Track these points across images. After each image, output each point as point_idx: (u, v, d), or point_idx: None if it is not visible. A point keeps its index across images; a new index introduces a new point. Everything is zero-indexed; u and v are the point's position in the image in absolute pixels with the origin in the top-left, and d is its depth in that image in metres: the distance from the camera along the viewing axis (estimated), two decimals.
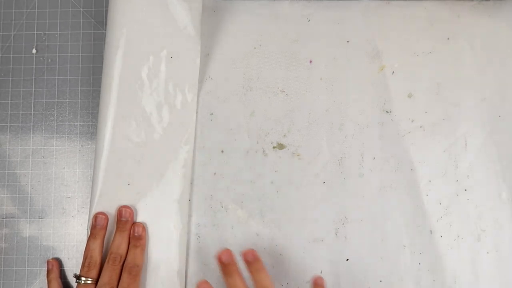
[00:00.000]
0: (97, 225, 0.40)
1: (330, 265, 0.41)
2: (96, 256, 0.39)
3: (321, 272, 0.41)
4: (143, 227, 0.40)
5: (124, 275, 0.38)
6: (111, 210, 0.40)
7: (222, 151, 0.42)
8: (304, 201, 0.42)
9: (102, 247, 0.40)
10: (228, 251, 0.37)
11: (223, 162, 0.42)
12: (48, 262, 0.41)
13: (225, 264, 0.37)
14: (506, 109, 0.43)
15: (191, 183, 0.42)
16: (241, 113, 0.43)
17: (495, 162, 0.42)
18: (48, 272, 0.41)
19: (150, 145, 0.40)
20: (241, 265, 0.37)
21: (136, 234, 0.40)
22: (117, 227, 0.40)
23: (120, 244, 0.39)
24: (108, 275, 0.38)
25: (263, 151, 0.42)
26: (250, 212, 0.42)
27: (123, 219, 0.40)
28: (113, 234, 0.40)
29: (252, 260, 0.37)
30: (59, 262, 0.42)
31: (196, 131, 0.42)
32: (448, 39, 0.43)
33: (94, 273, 0.38)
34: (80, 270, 0.39)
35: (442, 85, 0.43)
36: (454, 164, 0.42)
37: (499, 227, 0.41)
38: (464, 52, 0.43)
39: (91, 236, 0.39)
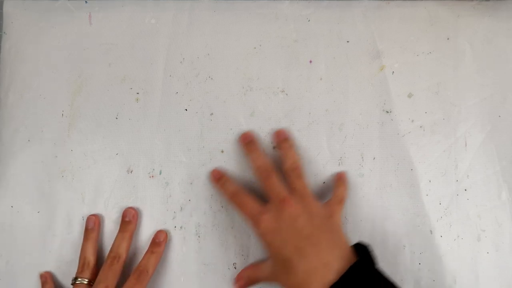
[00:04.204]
0: (88, 227, 0.41)
1: None
2: (90, 257, 0.39)
3: None
4: (166, 235, 0.41)
5: (132, 277, 0.38)
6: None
7: (222, 151, 0.42)
8: None
9: (95, 247, 0.40)
10: (248, 133, 0.41)
11: (223, 162, 0.42)
12: (41, 275, 0.41)
13: (247, 143, 0.40)
14: (506, 109, 0.43)
15: (191, 183, 0.42)
16: (241, 113, 0.43)
17: (495, 162, 0.42)
18: (43, 285, 0.41)
19: None
20: None
21: (156, 240, 0.40)
22: (120, 227, 0.41)
23: (120, 244, 0.40)
24: (104, 274, 0.38)
25: (263, 151, 0.42)
26: None
27: (126, 219, 0.41)
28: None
29: (283, 138, 0.40)
30: (51, 274, 0.41)
31: (196, 131, 0.42)
32: (448, 39, 0.43)
33: (87, 273, 0.39)
34: (76, 272, 0.39)
35: (442, 85, 0.43)
36: (454, 164, 0.42)
37: (499, 227, 0.41)
38: (464, 52, 0.43)
39: (84, 238, 0.40)
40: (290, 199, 0.36)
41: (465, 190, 0.42)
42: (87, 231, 0.41)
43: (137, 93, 0.43)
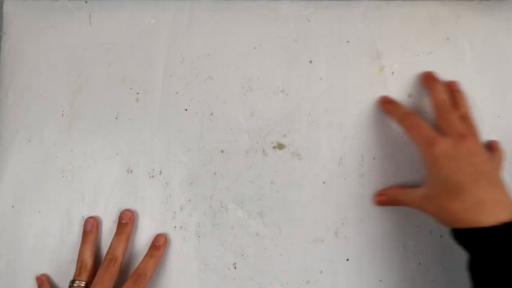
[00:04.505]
0: (86, 229, 0.41)
1: (330, 265, 0.41)
2: (87, 259, 0.39)
3: (321, 272, 0.41)
4: (165, 239, 0.41)
5: (130, 281, 0.38)
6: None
7: (222, 151, 0.42)
8: (304, 201, 0.42)
9: (93, 250, 0.40)
10: (429, 72, 0.42)
11: (223, 162, 0.42)
12: (37, 278, 0.41)
13: (429, 79, 0.41)
14: (506, 109, 0.43)
15: (191, 183, 0.42)
16: (241, 113, 0.43)
17: None
18: (39, 287, 0.41)
19: None
20: None
21: (156, 244, 0.40)
22: (117, 229, 0.41)
23: (116, 246, 0.40)
24: (100, 277, 0.38)
25: (263, 151, 0.42)
26: (250, 212, 0.42)
27: (123, 221, 0.41)
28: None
29: (456, 89, 0.41)
30: (48, 277, 0.41)
31: (196, 131, 0.42)
32: (448, 39, 0.43)
33: (85, 276, 0.39)
34: (74, 275, 0.39)
35: None
36: None
37: None
38: (464, 52, 0.43)
39: (82, 241, 0.40)
40: (468, 136, 0.36)
41: None
42: (85, 234, 0.41)
43: (137, 93, 0.43)
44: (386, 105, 0.41)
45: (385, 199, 0.41)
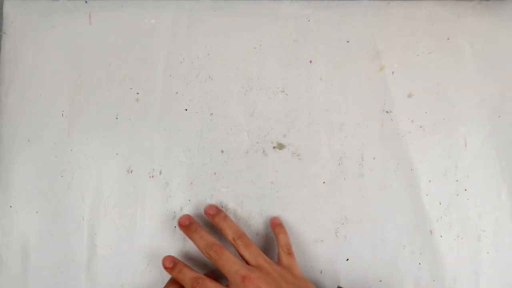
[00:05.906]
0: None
1: (330, 265, 0.41)
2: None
3: (321, 272, 0.41)
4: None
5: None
6: None
7: (222, 151, 0.42)
8: (304, 201, 0.42)
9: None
10: (186, 215, 0.40)
11: (223, 162, 0.42)
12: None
13: (187, 226, 0.39)
14: (506, 109, 0.43)
15: (191, 183, 0.42)
16: (241, 113, 0.43)
17: (495, 162, 0.42)
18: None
19: None
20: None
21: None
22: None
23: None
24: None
25: (263, 151, 0.42)
26: (250, 212, 0.42)
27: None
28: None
29: (215, 212, 0.40)
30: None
31: (196, 131, 0.42)
32: (448, 39, 0.43)
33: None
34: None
35: (442, 85, 0.43)
36: (454, 164, 0.42)
37: (499, 227, 0.41)
38: (464, 52, 0.43)
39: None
40: (249, 275, 0.35)
41: (465, 190, 0.42)
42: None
43: (137, 93, 0.43)
44: (171, 271, 0.38)
45: None
